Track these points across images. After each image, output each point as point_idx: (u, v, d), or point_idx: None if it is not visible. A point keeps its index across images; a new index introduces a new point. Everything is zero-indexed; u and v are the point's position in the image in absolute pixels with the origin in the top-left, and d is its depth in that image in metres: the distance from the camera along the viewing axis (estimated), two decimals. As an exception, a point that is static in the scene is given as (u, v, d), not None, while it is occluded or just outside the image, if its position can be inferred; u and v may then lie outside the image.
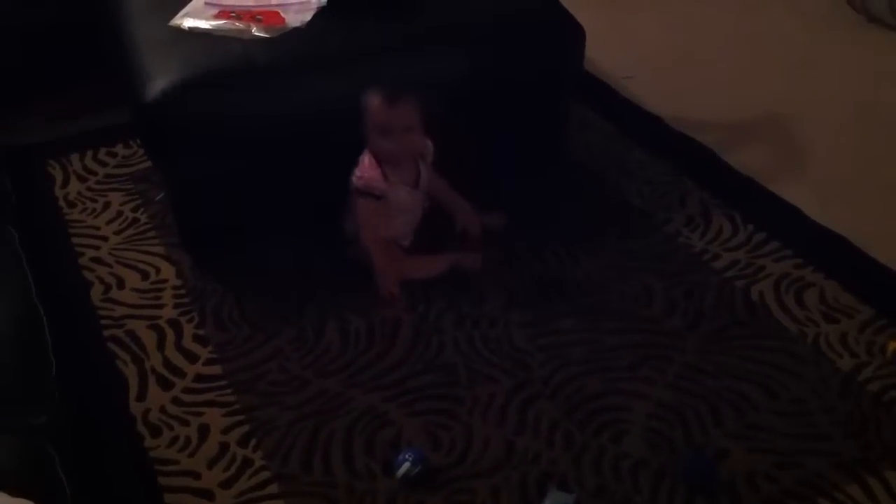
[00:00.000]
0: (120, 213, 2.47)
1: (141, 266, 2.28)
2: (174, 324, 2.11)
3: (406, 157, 2.14)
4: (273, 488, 1.73)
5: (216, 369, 1.99)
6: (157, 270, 2.27)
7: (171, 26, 2.23)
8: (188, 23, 2.23)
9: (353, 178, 2.12)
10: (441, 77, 2.22)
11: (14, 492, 1.20)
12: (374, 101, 2.06)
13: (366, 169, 2.11)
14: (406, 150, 2.11)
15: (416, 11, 2.33)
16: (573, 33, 2.36)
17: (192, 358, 2.02)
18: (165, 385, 1.96)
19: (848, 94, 2.95)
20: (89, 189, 2.56)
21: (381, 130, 2.07)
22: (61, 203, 2.51)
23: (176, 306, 2.16)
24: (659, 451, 1.79)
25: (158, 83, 2.08)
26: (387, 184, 2.12)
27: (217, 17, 2.24)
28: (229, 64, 2.13)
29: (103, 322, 2.12)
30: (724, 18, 3.45)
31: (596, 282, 2.20)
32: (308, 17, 2.25)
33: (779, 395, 1.90)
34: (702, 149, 2.69)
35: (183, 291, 2.20)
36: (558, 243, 2.32)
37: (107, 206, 2.50)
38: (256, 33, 2.18)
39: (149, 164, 2.56)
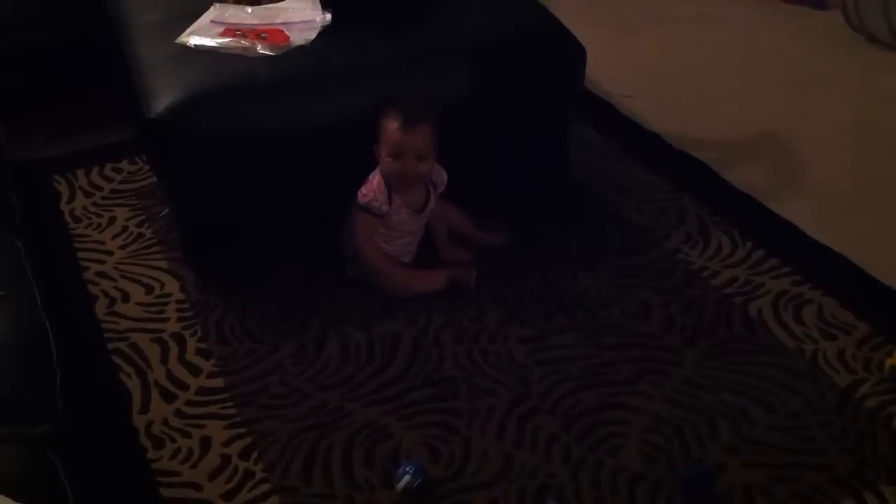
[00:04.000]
0: (125, 228, 2.49)
1: (145, 280, 2.31)
2: (177, 337, 2.13)
3: (410, 184, 2.15)
4: (274, 500, 1.75)
5: (218, 382, 2.01)
6: (162, 285, 2.29)
7: (177, 44, 2.26)
8: (194, 40, 2.26)
9: (359, 194, 2.14)
10: (443, 96, 2.24)
11: (18, 498, 1.21)
12: (392, 122, 2.08)
13: (372, 188, 2.13)
14: (413, 176, 2.12)
15: (418, 31, 2.36)
16: (574, 52, 2.39)
17: (194, 371, 2.04)
18: (168, 397, 1.98)
19: (846, 112, 2.98)
20: (95, 204, 2.59)
21: (394, 153, 2.09)
22: (67, 218, 2.54)
23: (179, 320, 2.18)
24: (656, 464, 1.80)
25: (164, 100, 2.11)
26: (389, 206, 2.14)
27: (222, 34, 2.27)
28: (234, 82, 2.16)
29: (107, 335, 2.14)
30: (723, 38, 3.48)
31: (595, 297, 2.22)
32: (312, 35, 2.28)
33: (776, 409, 1.92)
34: (701, 166, 2.71)
35: (186, 305, 2.22)
36: (558, 259, 2.34)
37: (112, 221, 2.52)
38: (261, 51, 2.21)
39: (154, 179, 2.59)
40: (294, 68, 2.20)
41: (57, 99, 2.91)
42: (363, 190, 2.14)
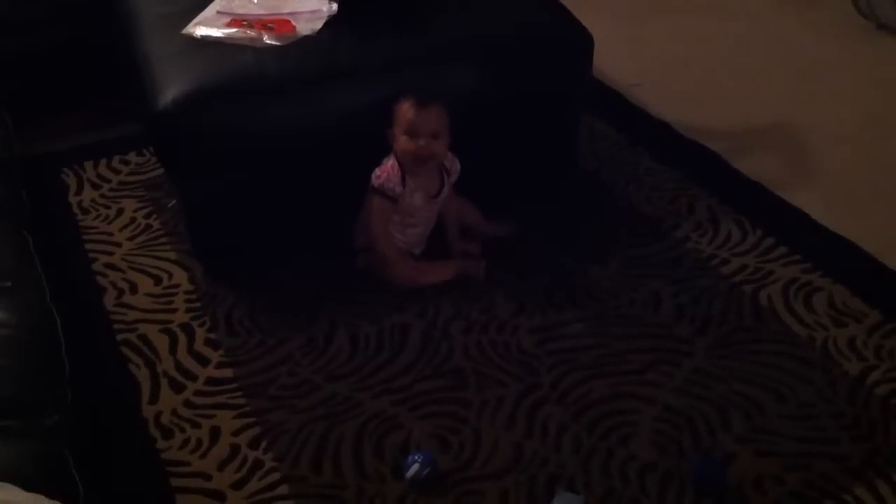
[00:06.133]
0: (133, 220, 2.49)
1: (153, 271, 2.31)
2: (186, 328, 2.13)
3: (426, 164, 2.14)
4: (283, 490, 1.75)
5: (227, 373, 2.01)
6: (170, 275, 2.29)
7: (184, 35, 2.25)
8: (200, 31, 2.25)
9: (373, 176, 2.14)
10: (453, 88, 2.23)
11: (28, 489, 1.21)
12: (405, 102, 2.09)
13: (387, 170, 2.13)
14: (428, 155, 2.11)
15: (425, 22, 2.35)
16: (582, 42, 2.37)
17: (203, 361, 2.04)
18: (177, 388, 1.98)
19: (856, 100, 2.96)
20: (103, 196, 2.59)
21: (408, 131, 2.08)
22: (75, 210, 2.54)
23: (188, 311, 2.18)
24: (667, 454, 1.80)
25: (170, 92, 2.10)
26: (403, 188, 2.13)
27: (229, 25, 2.26)
28: (241, 73, 2.15)
29: (116, 326, 2.14)
30: (731, 27, 3.46)
31: (605, 287, 2.21)
32: (319, 25, 2.27)
33: (787, 399, 1.91)
34: (710, 155, 2.70)
35: (195, 296, 2.22)
36: (567, 250, 2.33)
37: (120, 212, 2.52)
38: (268, 41, 2.21)
39: (161, 171, 2.59)
40: (301, 60, 2.19)
41: (64, 98, 2.90)
42: (377, 172, 2.14)
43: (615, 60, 3.06)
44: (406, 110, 2.09)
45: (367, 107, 2.16)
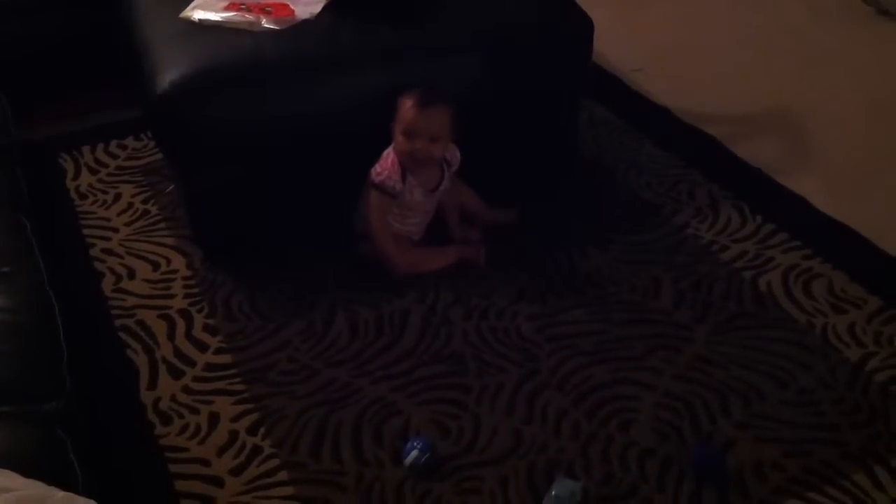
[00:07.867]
0: (130, 205, 2.48)
1: (151, 257, 2.30)
2: (184, 314, 2.12)
3: (422, 165, 2.13)
4: (282, 475, 1.75)
5: (226, 358, 2.00)
6: (168, 261, 2.28)
7: (182, 19, 2.24)
8: (198, 15, 2.24)
9: (372, 172, 2.12)
10: (453, 74, 2.22)
11: (27, 475, 1.21)
12: (407, 100, 2.06)
13: (387, 166, 2.11)
14: (424, 158, 2.09)
15: (425, 6, 2.33)
16: (582, 25, 2.36)
17: (202, 347, 2.03)
18: (176, 374, 1.97)
19: (857, 85, 2.95)
20: (100, 181, 2.58)
21: (406, 132, 2.06)
22: (73, 195, 2.53)
23: (186, 296, 2.17)
24: (667, 440, 1.79)
25: (168, 76, 2.09)
26: (403, 185, 2.12)
27: (227, 8, 2.24)
28: (239, 57, 2.14)
29: (114, 312, 2.13)
30: (732, 11, 3.44)
31: (605, 274, 2.21)
32: (317, 9, 2.25)
33: (787, 385, 1.91)
34: (711, 141, 2.69)
35: (193, 282, 2.21)
36: (567, 236, 2.33)
37: (118, 197, 2.51)
38: (266, 25, 2.19)
39: (159, 156, 2.58)
40: (300, 44, 2.17)
41: (62, 83, 2.88)
42: (377, 168, 2.12)
43: (616, 46, 3.05)
44: (407, 109, 2.05)
45: (366, 92, 2.15)
